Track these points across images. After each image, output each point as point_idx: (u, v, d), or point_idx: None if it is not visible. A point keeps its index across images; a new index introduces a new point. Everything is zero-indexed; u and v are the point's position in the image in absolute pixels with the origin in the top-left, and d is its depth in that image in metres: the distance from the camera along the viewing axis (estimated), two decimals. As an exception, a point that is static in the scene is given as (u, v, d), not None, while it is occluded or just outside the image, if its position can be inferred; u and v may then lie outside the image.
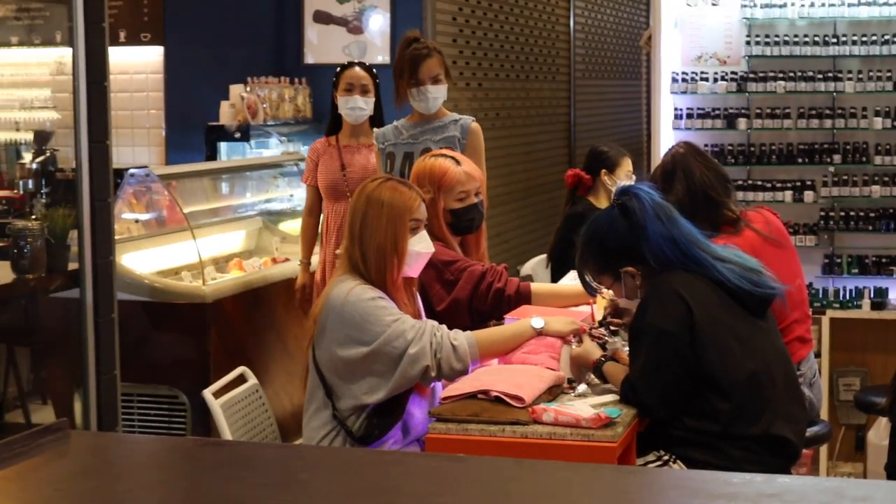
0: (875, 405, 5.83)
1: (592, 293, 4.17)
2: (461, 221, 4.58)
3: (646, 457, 3.71)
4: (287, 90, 7.72)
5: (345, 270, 3.89)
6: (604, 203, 5.76)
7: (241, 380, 4.30)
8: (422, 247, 3.94)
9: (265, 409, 4.29)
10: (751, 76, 7.03)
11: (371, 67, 6.10)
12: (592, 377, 3.89)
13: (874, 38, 6.82)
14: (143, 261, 6.13)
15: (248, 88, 7.66)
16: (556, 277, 5.53)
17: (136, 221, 6.50)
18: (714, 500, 1.99)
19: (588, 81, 11.26)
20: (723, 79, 7.07)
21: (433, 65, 5.53)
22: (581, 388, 3.82)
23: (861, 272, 6.86)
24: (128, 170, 6.43)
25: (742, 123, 7.05)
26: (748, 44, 7.04)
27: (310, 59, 7.90)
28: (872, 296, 6.72)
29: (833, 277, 6.90)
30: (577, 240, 3.97)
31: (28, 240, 5.02)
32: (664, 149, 6.10)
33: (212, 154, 7.86)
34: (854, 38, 6.86)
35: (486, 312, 4.43)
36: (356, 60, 6.29)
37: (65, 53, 5.16)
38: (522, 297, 4.46)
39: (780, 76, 6.96)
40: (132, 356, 5.21)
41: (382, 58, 7.70)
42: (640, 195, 3.83)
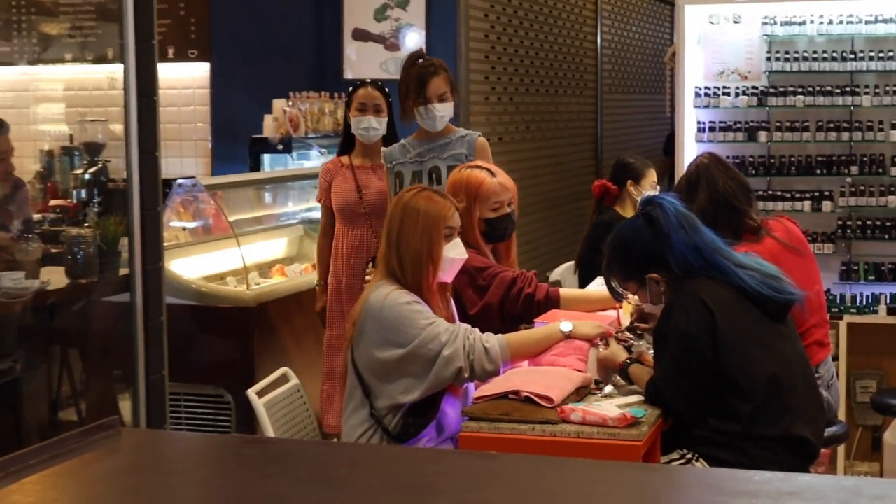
0: (891, 407, 5.80)
1: (619, 298, 4.16)
2: (495, 230, 4.58)
3: (669, 455, 3.70)
4: (327, 104, 7.73)
5: (382, 276, 3.89)
6: (629, 212, 5.75)
7: (284, 380, 4.30)
8: (455, 253, 3.94)
9: (306, 408, 4.29)
10: (771, 91, 6.99)
11: (384, 87, 5.77)
12: (618, 379, 3.88)
13: (890, 54, 6.78)
14: (191, 266, 6.16)
15: (290, 103, 7.69)
16: (584, 283, 5.52)
17: (184, 229, 6.53)
18: (735, 498, 1.98)
19: (614, 96, 11.23)
20: (744, 93, 7.04)
21: (440, 83, 5.24)
22: (607, 389, 3.82)
23: (877, 279, 6.81)
24: (176, 180, 6.46)
25: (762, 136, 7.01)
26: (768, 60, 7.01)
27: (349, 75, 7.92)
28: (888, 301, 6.67)
29: (850, 284, 6.85)
30: (604, 247, 3.97)
31: (81, 246, 5.04)
32: (687, 161, 6.09)
33: (255, 165, 7.89)
34: (871, 55, 6.82)
35: (517, 316, 4.42)
36: (369, 79, 5.98)
37: (116, 69, 5.18)
38: (551, 302, 4.46)
39: (800, 91, 6.92)
40: (179, 357, 5.23)
41: (418, 73, 7.70)
42: (665, 205, 3.82)
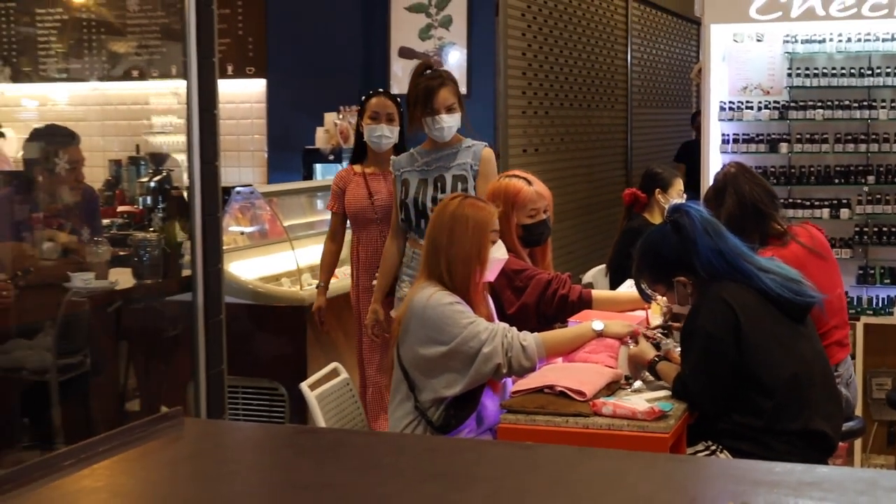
0: (905, 403, 5.73)
1: (648, 300, 4.15)
2: (532, 235, 4.57)
3: (695, 446, 3.69)
4: (375, 118, 7.73)
5: (425, 279, 3.89)
6: (658, 219, 5.72)
7: (334, 374, 4.31)
8: (500, 254, 3.95)
9: (354, 401, 4.30)
10: (792, 105, 6.95)
11: (396, 97, 5.66)
12: (647, 374, 3.87)
13: (906, 70, 6.73)
14: (248, 268, 6.18)
15: (341, 116, 7.71)
16: (615, 285, 5.50)
17: (242, 233, 6.55)
18: (758, 487, 1.97)
19: (643, 110, 11.20)
20: (766, 107, 7.00)
21: (447, 94, 5.04)
22: (637, 385, 3.81)
23: (892, 282, 6.74)
24: (234, 188, 6.49)
25: (784, 147, 6.97)
26: (789, 75, 6.97)
27: (395, 90, 7.91)
28: (903, 304, 6.62)
29: (867, 287, 6.79)
30: (634, 252, 3.96)
31: (147, 249, 5.08)
32: (713, 171, 6.06)
33: (308, 174, 7.91)
34: (888, 70, 6.75)
35: (552, 316, 4.41)
36: (381, 88, 5.82)
37: (179, 85, 5.21)
38: (584, 303, 4.45)
39: (819, 105, 6.87)
40: (237, 353, 5.25)
41: (460, 89, 7.70)
42: (691, 212, 3.81)
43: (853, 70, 6.84)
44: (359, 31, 8.04)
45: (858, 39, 6.82)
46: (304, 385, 3.93)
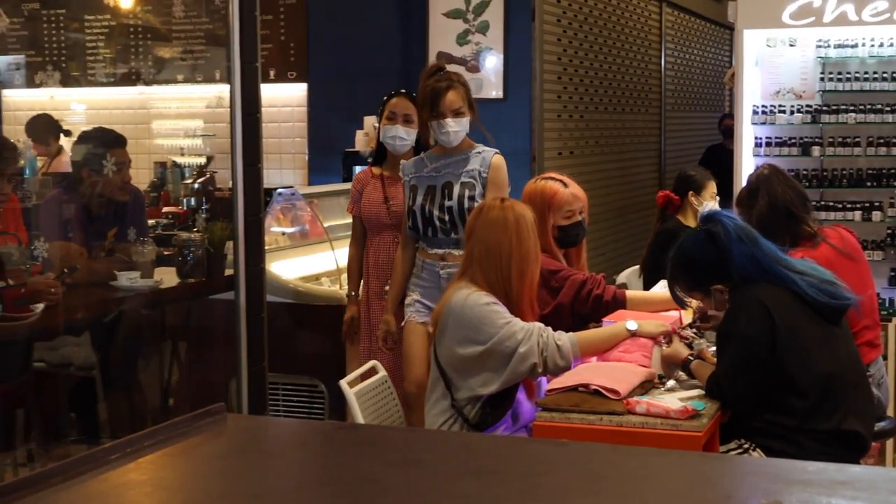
0: (937, 403, 5.67)
1: (683, 306, 4.13)
2: (567, 236, 4.56)
3: (728, 445, 3.66)
4: (413, 121, 7.73)
5: (466, 282, 3.87)
6: (691, 221, 5.69)
7: (372, 372, 4.31)
8: None
9: (393, 398, 4.30)
10: (824, 109, 6.90)
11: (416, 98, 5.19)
12: (680, 374, 3.85)
13: (937, 75, 6.67)
14: (289, 268, 6.20)
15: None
16: (648, 286, 5.47)
17: (283, 234, 6.57)
18: (791, 486, 1.95)
19: (677, 113, 11.15)
20: (799, 111, 6.96)
21: (454, 97, 4.74)
22: (670, 384, 3.79)
23: (924, 284, 6.70)
24: (276, 189, 6.51)
25: (816, 151, 6.93)
26: (822, 80, 6.93)
27: (433, 94, 7.93)
28: (934, 305, 6.56)
29: (898, 288, 6.75)
30: (668, 259, 3.93)
31: (191, 249, 5.10)
32: (746, 173, 6.03)
33: (348, 176, 7.92)
34: (919, 75, 6.72)
35: (586, 316, 4.40)
36: (403, 89, 5.36)
37: (223, 89, 5.24)
38: (618, 303, 4.43)
39: (851, 109, 6.82)
40: (278, 350, 5.27)
41: (496, 93, 7.70)
42: (724, 221, 3.79)
43: (885, 74, 6.79)
44: (398, 37, 8.05)
45: (891, 44, 6.77)
46: (344, 382, 3.94)
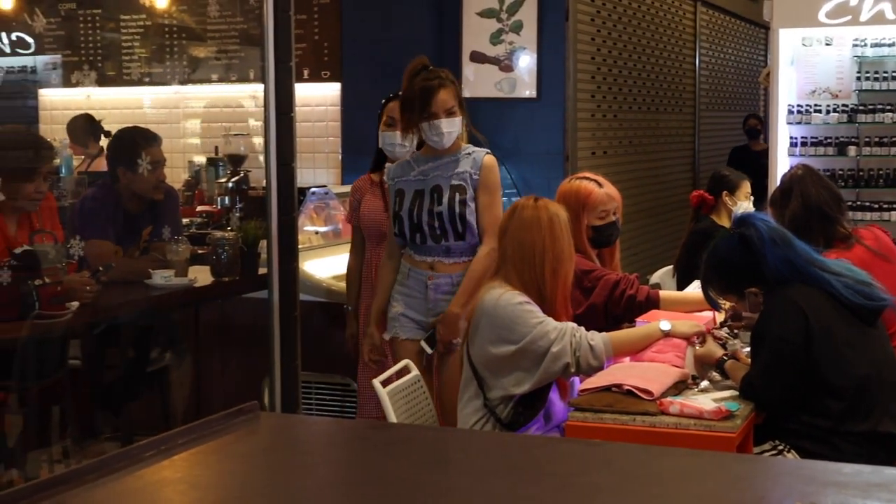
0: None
1: (718, 308, 4.11)
2: (601, 236, 4.55)
3: (762, 446, 3.64)
4: (446, 120, 7.74)
5: (499, 282, 3.87)
6: (725, 221, 5.67)
7: (405, 371, 4.32)
8: None
9: (425, 397, 4.30)
10: (860, 108, 6.86)
11: None
12: (714, 374, 3.83)
13: (975, 74, 6.61)
14: (322, 267, 6.20)
15: (413, 119, 7.71)
16: (682, 286, 5.45)
17: (316, 233, 6.58)
18: (825, 488, 1.94)
19: (711, 113, 11.10)
20: (835, 111, 6.91)
21: (447, 96, 4.48)
22: (704, 384, 3.78)
23: (961, 285, 6.63)
24: (309, 189, 6.53)
25: (852, 151, 6.88)
26: (858, 79, 6.88)
27: (466, 94, 7.91)
28: (972, 307, 6.48)
29: (935, 290, 6.68)
30: (701, 262, 3.91)
31: (225, 248, 5.12)
32: (781, 173, 5.99)
33: (381, 175, 7.93)
34: (957, 74, 6.66)
35: (620, 316, 4.39)
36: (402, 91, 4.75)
37: (257, 88, 5.25)
38: (652, 303, 4.41)
39: (888, 108, 6.77)
40: (311, 349, 5.27)
41: (529, 93, 7.69)
42: (757, 224, 3.77)
43: (923, 74, 6.73)
44: (431, 36, 8.05)
45: (928, 43, 6.72)
46: (376, 381, 3.94)
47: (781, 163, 6.92)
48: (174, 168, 7.11)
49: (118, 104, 7.63)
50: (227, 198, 6.92)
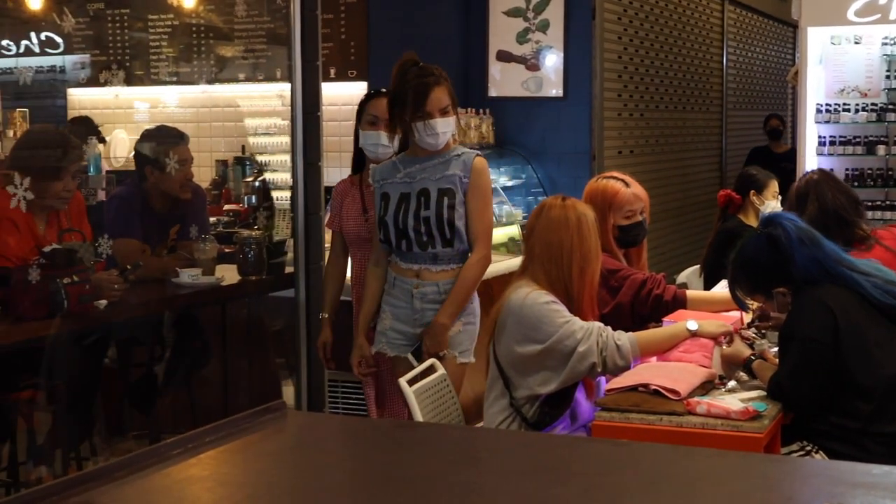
0: None
1: (745, 308, 4.09)
2: (627, 236, 4.54)
3: (790, 446, 3.62)
4: (473, 119, 7.74)
5: (526, 280, 3.87)
6: (752, 221, 5.64)
7: (432, 370, 4.32)
8: None
9: (451, 396, 4.30)
10: (890, 107, 6.81)
11: None
12: (741, 375, 3.82)
13: None
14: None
15: (439, 118, 7.72)
16: (709, 285, 5.43)
17: (342, 232, 6.58)
18: (854, 489, 1.93)
19: (738, 112, 11.06)
20: (864, 109, 6.87)
21: (441, 94, 4.22)
22: (731, 384, 3.76)
23: None
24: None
25: (881, 150, 6.84)
26: (888, 78, 6.83)
27: (493, 93, 7.92)
28: None
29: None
30: (728, 262, 3.89)
31: (252, 247, 5.13)
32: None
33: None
34: None
35: (646, 316, 4.37)
36: (384, 88, 4.60)
37: (284, 88, 5.27)
38: (678, 303, 4.40)
39: (918, 107, 6.73)
40: (338, 347, 5.29)
41: (556, 91, 7.68)
42: (785, 224, 3.75)
43: (953, 72, 6.69)
44: (458, 35, 8.05)
45: (958, 41, 6.67)
46: (403, 380, 3.94)
47: (809, 162, 6.89)
48: (201, 167, 7.13)
49: (146, 103, 7.66)
50: (254, 196, 6.94)
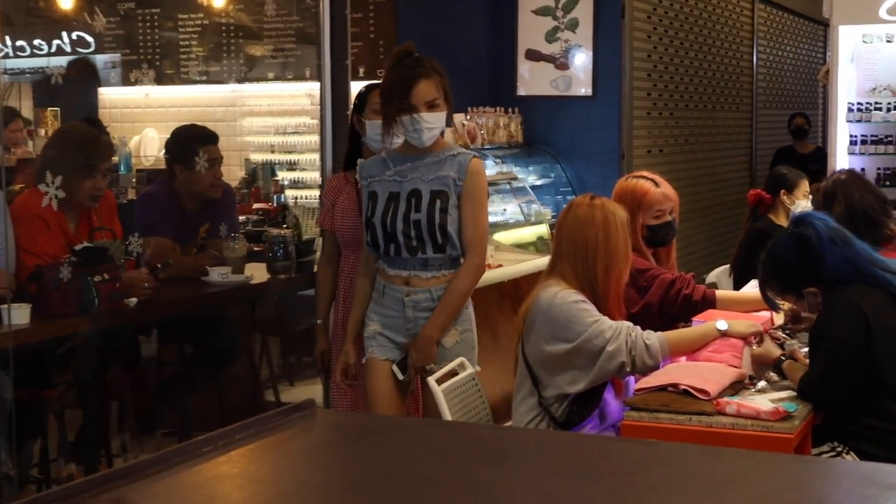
0: None
1: (776, 309, 4.07)
2: (656, 236, 4.53)
3: (820, 447, 3.61)
4: (502, 118, 7.74)
5: (555, 279, 3.86)
6: (783, 220, 5.61)
7: (461, 368, 4.32)
8: None
9: (480, 395, 4.30)
10: (922, 106, 6.77)
11: None
12: (772, 375, 3.80)
13: None
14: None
15: (469, 117, 7.72)
16: (739, 285, 5.41)
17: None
18: (886, 491, 1.92)
19: (768, 111, 11.00)
20: (895, 108, 6.82)
21: (429, 87, 3.98)
22: (761, 385, 3.74)
23: None
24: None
25: (913, 149, 6.79)
26: (920, 76, 6.79)
27: (521, 92, 7.92)
28: None
29: None
30: (759, 262, 3.87)
31: (281, 245, 5.15)
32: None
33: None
34: None
35: (675, 315, 4.36)
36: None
37: (313, 87, 5.29)
38: (708, 303, 4.38)
39: (950, 106, 6.68)
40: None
41: (585, 90, 7.67)
42: (815, 223, 3.72)
43: None
44: (487, 34, 8.05)
45: None
46: (431, 379, 3.94)
47: (840, 161, 6.85)
48: (231, 166, 7.16)
49: (176, 102, 7.70)
50: (283, 195, 6.97)
